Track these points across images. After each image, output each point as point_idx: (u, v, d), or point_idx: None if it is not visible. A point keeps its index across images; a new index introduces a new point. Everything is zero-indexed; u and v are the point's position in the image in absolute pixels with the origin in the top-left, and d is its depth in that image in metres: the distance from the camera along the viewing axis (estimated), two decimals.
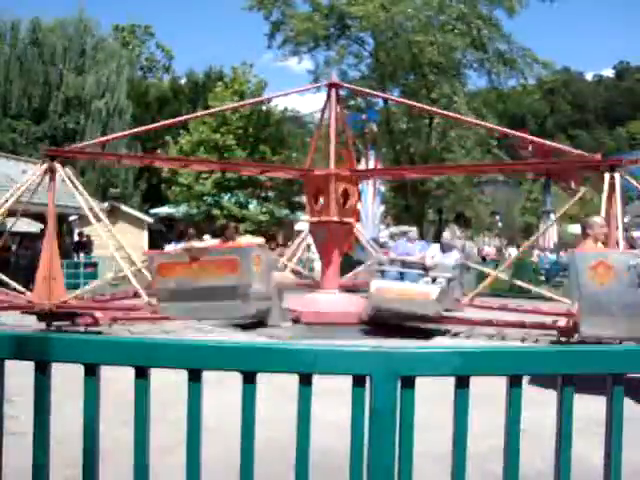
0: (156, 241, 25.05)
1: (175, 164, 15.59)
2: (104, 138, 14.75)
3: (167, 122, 15.24)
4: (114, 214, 22.43)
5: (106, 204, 23.09)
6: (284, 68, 45.23)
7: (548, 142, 12.67)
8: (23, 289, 9.65)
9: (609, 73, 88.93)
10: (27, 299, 9.18)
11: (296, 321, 9.53)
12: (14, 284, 9.69)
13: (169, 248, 9.97)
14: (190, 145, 26.19)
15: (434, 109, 18.20)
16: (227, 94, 26.71)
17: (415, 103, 17.16)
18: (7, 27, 31.33)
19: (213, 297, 7.23)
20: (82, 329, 8.73)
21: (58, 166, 9.68)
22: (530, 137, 13.42)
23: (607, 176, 9.31)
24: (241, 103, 21.68)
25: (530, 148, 14.87)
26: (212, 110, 20.23)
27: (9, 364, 1.67)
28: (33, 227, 18.61)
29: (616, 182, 9.25)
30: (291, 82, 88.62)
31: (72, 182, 9.93)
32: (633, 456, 2.13)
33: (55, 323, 9.10)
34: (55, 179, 9.82)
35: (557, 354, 1.62)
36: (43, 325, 9.16)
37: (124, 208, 25.94)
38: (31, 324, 9.06)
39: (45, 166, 9.64)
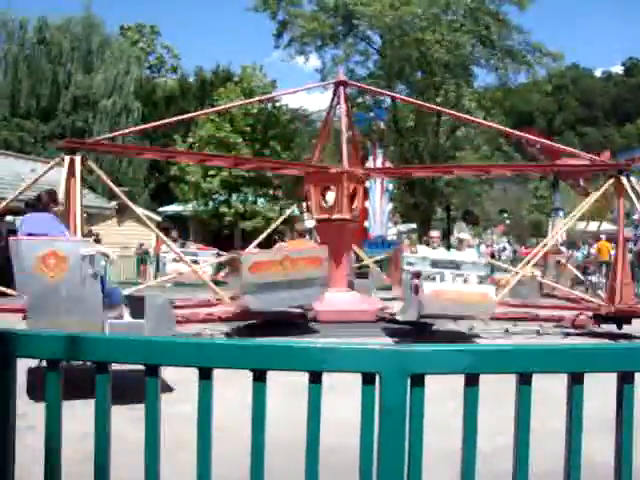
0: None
1: (193, 158, 15.54)
2: (117, 132, 14.77)
3: (177, 118, 15.27)
4: (122, 213, 22.50)
5: (114, 203, 23.17)
6: (293, 67, 45.34)
7: (549, 142, 12.82)
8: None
9: (618, 69, 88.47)
10: None
11: (313, 320, 9.54)
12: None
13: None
14: (199, 143, 26.25)
15: (441, 108, 18.14)
16: (235, 92, 26.74)
17: (422, 102, 17.13)
18: (15, 26, 31.46)
19: (298, 287, 8.50)
20: None
21: (76, 159, 8.98)
22: (533, 137, 13.40)
23: (623, 179, 9.54)
24: (249, 100, 21.69)
25: (538, 145, 14.83)
26: (222, 107, 20.22)
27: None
28: None
29: (625, 184, 9.44)
30: (300, 81, 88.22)
31: (100, 175, 10.02)
32: None
33: None
34: (76, 174, 8.98)
35: (566, 352, 1.61)
36: None
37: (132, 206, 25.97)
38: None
39: (68, 159, 8.92)
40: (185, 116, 15.22)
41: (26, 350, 1.65)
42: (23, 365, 1.73)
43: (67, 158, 8.88)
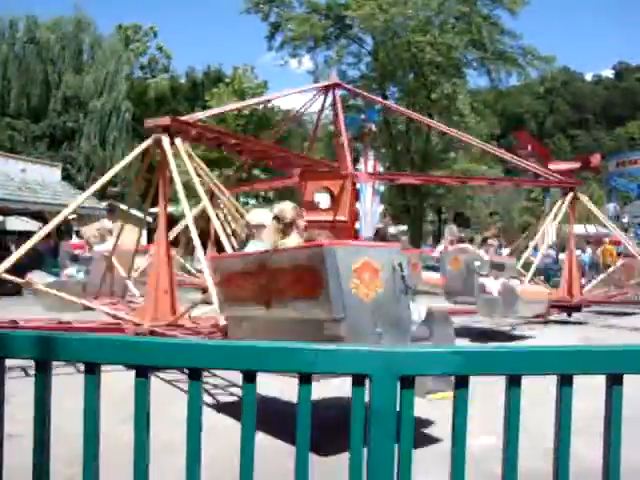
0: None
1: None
2: (210, 112, 13.71)
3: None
4: (113, 213, 22.41)
5: (105, 203, 23.08)
6: (285, 69, 45.29)
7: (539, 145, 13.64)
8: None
9: (608, 73, 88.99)
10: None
11: None
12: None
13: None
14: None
15: (430, 120, 18.13)
16: (227, 93, 26.73)
17: (406, 111, 17.06)
18: (5, 25, 31.29)
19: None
20: None
21: (177, 141, 7.65)
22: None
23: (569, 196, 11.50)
24: (243, 104, 21.67)
25: (529, 148, 14.97)
26: (218, 109, 20.13)
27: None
28: (30, 226, 18.62)
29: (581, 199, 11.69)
30: (292, 82, 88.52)
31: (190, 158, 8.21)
32: (633, 455, 2.13)
33: None
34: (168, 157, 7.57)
35: (556, 354, 1.62)
36: None
37: (123, 207, 25.91)
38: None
39: (167, 139, 7.52)
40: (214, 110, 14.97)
41: (12, 350, 1.64)
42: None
43: (165, 139, 7.43)
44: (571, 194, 11.63)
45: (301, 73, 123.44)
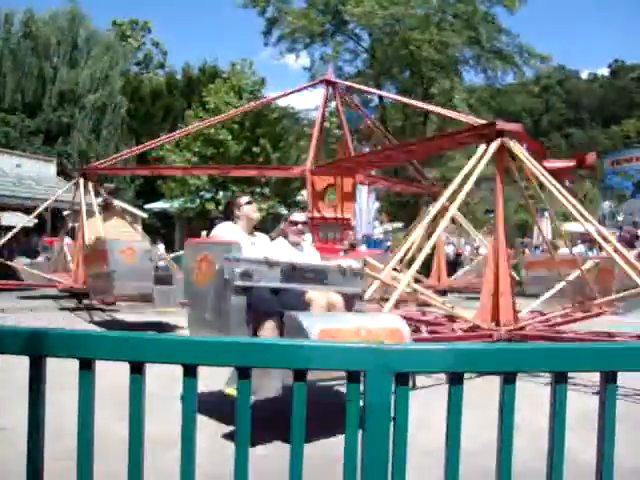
0: (151, 236, 24.98)
1: (180, 172, 16.23)
2: (120, 154, 15.71)
3: (169, 136, 15.97)
4: (108, 209, 22.36)
5: (100, 199, 23.00)
6: (282, 65, 45.26)
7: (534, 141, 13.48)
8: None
9: (604, 71, 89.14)
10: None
11: None
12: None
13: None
14: (186, 140, 26.13)
15: (430, 107, 18.15)
16: (224, 89, 26.63)
17: (409, 100, 17.10)
18: (1, 20, 31.15)
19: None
20: None
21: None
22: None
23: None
24: (244, 108, 21.55)
25: (524, 146, 14.96)
26: (223, 117, 19.97)
27: None
28: (24, 221, 18.53)
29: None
30: (289, 79, 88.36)
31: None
32: (628, 453, 2.14)
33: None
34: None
35: (551, 351, 1.63)
36: None
37: (118, 203, 25.85)
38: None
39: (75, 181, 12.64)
40: (176, 133, 15.67)
41: (7, 347, 1.63)
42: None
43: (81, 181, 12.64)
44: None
45: (297, 71, 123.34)
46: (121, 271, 9.39)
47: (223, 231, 5.05)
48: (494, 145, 7.58)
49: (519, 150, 7.77)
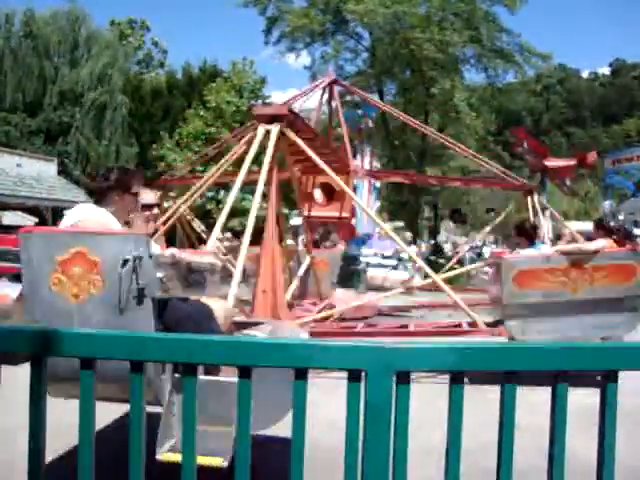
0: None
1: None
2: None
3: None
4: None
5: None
6: (282, 64, 45.27)
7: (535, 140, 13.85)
8: None
9: (605, 70, 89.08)
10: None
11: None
12: None
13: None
14: (186, 139, 26.14)
15: (426, 127, 18.03)
16: (225, 88, 26.64)
17: (402, 114, 17.03)
18: (1, 19, 31.15)
19: (595, 312, 6.11)
20: None
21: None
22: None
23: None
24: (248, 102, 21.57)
25: (525, 145, 14.96)
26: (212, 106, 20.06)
27: None
28: (27, 221, 18.58)
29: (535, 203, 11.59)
30: (289, 79, 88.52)
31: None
32: (629, 451, 2.14)
33: None
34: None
35: (552, 351, 1.63)
36: None
37: None
38: None
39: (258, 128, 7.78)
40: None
41: (8, 346, 1.64)
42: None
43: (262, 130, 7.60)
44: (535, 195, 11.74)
45: (298, 70, 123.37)
46: None
47: (100, 216, 3.31)
48: (262, 130, 7.39)
49: (294, 136, 7.69)
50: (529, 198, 11.85)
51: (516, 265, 6.21)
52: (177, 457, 2.58)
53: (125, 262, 2.80)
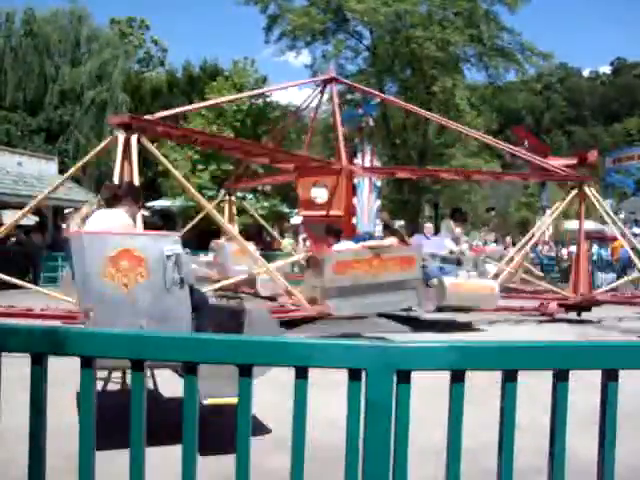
0: None
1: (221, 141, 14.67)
2: (178, 110, 13.61)
3: (183, 108, 15.19)
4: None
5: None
6: (283, 63, 45.32)
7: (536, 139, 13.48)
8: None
9: (606, 69, 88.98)
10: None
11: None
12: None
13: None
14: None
15: (429, 114, 18.09)
16: (226, 87, 26.64)
17: (408, 105, 17.06)
18: (2, 18, 31.14)
19: (389, 290, 7.94)
20: None
21: (138, 138, 7.93)
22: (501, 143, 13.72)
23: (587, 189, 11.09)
24: (240, 95, 21.58)
25: (526, 144, 14.94)
26: (212, 102, 20.08)
27: None
28: (27, 220, 18.56)
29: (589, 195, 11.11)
30: (290, 77, 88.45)
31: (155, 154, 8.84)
32: (629, 451, 2.14)
33: None
34: (131, 154, 7.81)
35: (552, 349, 1.62)
36: None
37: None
38: None
39: (123, 138, 7.82)
40: (180, 109, 15.08)
41: (9, 344, 1.63)
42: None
43: (121, 137, 7.76)
44: (575, 190, 11.11)
45: (299, 69, 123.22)
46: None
47: (124, 221, 4.31)
48: (121, 138, 7.75)
49: (147, 142, 8.15)
50: (574, 192, 11.12)
51: (333, 257, 7.97)
52: (221, 401, 3.58)
53: (169, 257, 3.66)
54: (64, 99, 31.07)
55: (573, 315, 11.32)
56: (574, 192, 11.19)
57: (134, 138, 7.72)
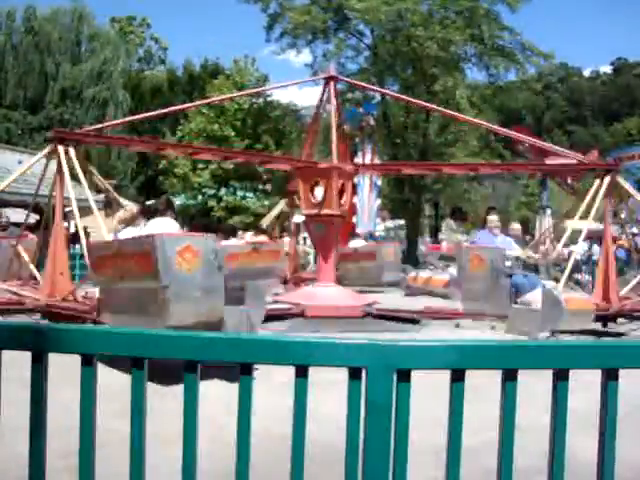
0: None
1: (182, 150, 15.55)
2: (105, 124, 14.41)
3: (168, 109, 15.26)
4: (110, 206, 22.35)
5: (102, 196, 23.00)
6: (284, 62, 45.32)
7: (539, 142, 12.66)
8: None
9: (607, 69, 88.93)
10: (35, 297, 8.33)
11: (300, 315, 9.54)
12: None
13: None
14: (189, 135, 26.16)
15: (431, 105, 18.15)
16: (227, 86, 26.65)
17: (411, 99, 17.10)
18: (2, 16, 31.14)
19: (261, 276, 8.78)
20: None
21: (70, 150, 8.68)
22: (519, 135, 13.24)
23: (606, 179, 9.03)
24: (239, 93, 21.61)
25: (526, 144, 14.89)
26: (211, 99, 20.13)
27: None
28: (29, 219, 18.53)
29: (621, 183, 9.27)
30: (291, 76, 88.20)
31: (82, 168, 9.15)
32: (629, 451, 2.14)
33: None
34: (63, 166, 8.68)
35: (552, 349, 1.63)
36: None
37: (120, 200, 25.87)
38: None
39: (47, 149, 8.75)
40: (175, 108, 15.11)
41: (8, 342, 1.64)
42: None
43: (60, 148, 8.45)
44: (608, 178, 9.09)
45: (301, 68, 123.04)
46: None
47: (174, 227, 6.52)
48: (61, 149, 8.51)
49: (79, 155, 8.91)
50: (606, 181, 9.10)
51: (228, 250, 8.87)
52: None
53: (215, 252, 5.39)
54: (65, 97, 31.09)
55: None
56: (601, 181, 9.16)
57: (61, 149, 8.54)
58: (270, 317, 9.21)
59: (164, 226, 6.28)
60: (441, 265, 13.69)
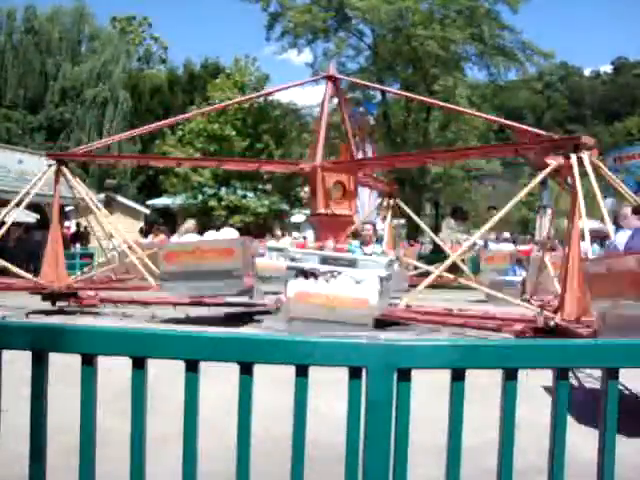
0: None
1: (170, 163, 16.07)
2: (104, 140, 15.16)
3: (168, 121, 15.55)
4: (110, 205, 22.37)
5: (102, 195, 23.01)
6: (284, 61, 45.29)
7: (524, 127, 12.22)
8: (26, 274, 10.95)
9: (607, 68, 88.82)
10: (36, 281, 10.52)
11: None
12: (17, 270, 10.86)
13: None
14: (190, 135, 26.12)
15: (432, 100, 18.15)
16: (228, 85, 26.63)
17: (412, 95, 17.11)
18: (3, 15, 31.13)
19: (213, 278, 8.99)
20: (82, 309, 10.23)
21: (65, 170, 11.08)
22: (517, 125, 13.02)
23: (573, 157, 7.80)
24: (243, 98, 21.58)
25: (526, 140, 14.88)
26: (215, 107, 20.10)
27: None
28: (30, 218, 18.57)
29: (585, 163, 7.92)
30: (292, 75, 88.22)
31: (77, 183, 11.59)
32: (629, 450, 2.14)
33: (59, 303, 10.58)
34: (58, 181, 11.23)
35: (553, 348, 1.62)
36: (46, 305, 10.52)
37: (120, 199, 25.88)
38: (32, 306, 10.33)
39: (53, 169, 11.04)
40: (177, 118, 15.31)
41: (9, 342, 1.63)
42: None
43: (53, 167, 11.02)
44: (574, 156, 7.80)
45: (301, 67, 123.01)
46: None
47: (236, 232, 8.76)
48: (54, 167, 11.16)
49: (68, 173, 11.13)
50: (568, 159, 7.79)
51: (165, 248, 9.85)
52: None
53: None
54: (65, 97, 31.08)
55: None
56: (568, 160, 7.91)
57: (53, 168, 11.01)
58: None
59: (228, 233, 9.81)
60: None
